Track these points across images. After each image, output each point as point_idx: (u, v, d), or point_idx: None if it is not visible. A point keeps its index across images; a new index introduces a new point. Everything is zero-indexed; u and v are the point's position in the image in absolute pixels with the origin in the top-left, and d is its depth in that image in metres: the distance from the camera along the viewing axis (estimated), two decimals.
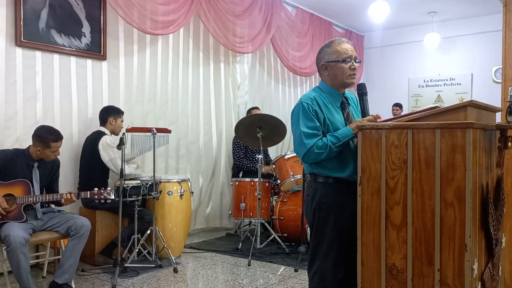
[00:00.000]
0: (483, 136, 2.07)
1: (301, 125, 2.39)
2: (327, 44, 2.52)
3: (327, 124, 2.41)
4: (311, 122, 2.38)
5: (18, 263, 3.15)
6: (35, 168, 3.51)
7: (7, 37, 3.94)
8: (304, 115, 2.39)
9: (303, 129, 2.38)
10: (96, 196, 3.53)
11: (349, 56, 2.43)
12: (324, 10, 7.06)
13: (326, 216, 2.42)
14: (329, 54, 2.46)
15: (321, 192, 2.43)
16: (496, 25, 6.03)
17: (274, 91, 6.83)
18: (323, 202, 2.42)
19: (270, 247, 4.97)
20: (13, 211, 3.33)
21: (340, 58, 2.43)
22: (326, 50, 2.49)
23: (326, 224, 2.42)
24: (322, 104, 2.43)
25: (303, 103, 2.42)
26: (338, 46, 2.45)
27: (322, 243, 2.44)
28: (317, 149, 2.34)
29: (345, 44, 2.47)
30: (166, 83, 5.27)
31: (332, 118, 2.43)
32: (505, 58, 3.30)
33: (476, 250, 1.99)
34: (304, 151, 2.37)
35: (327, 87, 2.50)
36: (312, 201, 2.47)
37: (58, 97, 4.31)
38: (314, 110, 2.39)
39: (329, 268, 2.41)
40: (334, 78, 2.47)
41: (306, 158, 2.40)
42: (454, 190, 1.91)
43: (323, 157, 2.35)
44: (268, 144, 5.17)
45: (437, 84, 7.92)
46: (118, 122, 4.44)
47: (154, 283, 3.84)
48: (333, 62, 2.44)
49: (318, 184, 2.45)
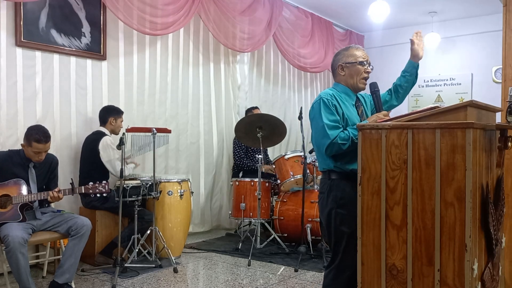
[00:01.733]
0: (483, 136, 2.07)
1: (324, 117, 2.48)
2: (345, 48, 2.71)
3: (345, 118, 2.53)
4: (332, 115, 2.49)
5: (17, 263, 3.15)
6: (30, 168, 3.50)
7: (7, 37, 3.94)
8: (325, 109, 2.50)
9: (326, 121, 2.47)
10: (91, 190, 3.51)
11: (366, 60, 2.63)
12: (324, 10, 7.06)
13: (343, 212, 2.47)
14: (347, 57, 2.64)
15: (337, 188, 2.50)
16: (496, 25, 6.03)
17: (274, 91, 6.82)
18: (339, 197, 2.48)
19: (270, 247, 4.97)
20: (9, 211, 3.33)
21: (357, 61, 2.62)
22: (344, 53, 2.66)
23: (344, 220, 2.47)
24: (340, 101, 2.56)
25: (323, 98, 2.52)
26: (356, 51, 2.65)
27: (342, 240, 2.48)
28: (340, 140, 2.42)
29: (362, 50, 2.67)
30: (166, 83, 5.27)
31: (349, 113, 2.55)
32: (505, 58, 3.29)
33: (476, 250, 1.99)
34: (328, 142, 2.44)
35: (343, 87, 2.66)
36: (327, 198, 2.53)
37: (58, 97, 4.31)
38: (333, 105, 2.51)
39: (348, 267, 2.45)
40: (349, 79, 2.63)
41: (330, 149, 2.46)
42: (454, 190, 1.91)
43: (345, 148, 2.43)
44: (268, 144, 5.17)
45: (437, 84, 7.92)
46: (118, 122, 4.44)
47: (154, 283, 3.84)
48: (350, 64, 2.62)
49: (333, 181, 2.52)
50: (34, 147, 3.39)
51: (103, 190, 3.52)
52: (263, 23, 6.01)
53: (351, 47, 2.68)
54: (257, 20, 5.93)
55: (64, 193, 3.46)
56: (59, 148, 4.31)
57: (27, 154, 3.46)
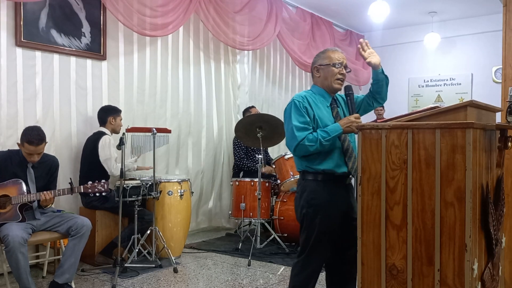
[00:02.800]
0: (483, 136, 2.07)
1: (293, 119, 2.58)
2: (322, 51, 2.79)
3: (316, 120, 2.60)
4: (302, 117, 2.57)
5: (17, 263, 3.15)
6: (29, 168, 3.49)
7: (7, 37, 3.94)
8: (296, 111, 2.59)
9: (295, 123, 2.56)
10: (90, 190, 3.50)
11: (340, 62, 2.68)
12: (324, 10, 7.06)
13: (314, 212, 2.59)
14: (322, 59, 2.72)
15: (309, 189, 2.61)
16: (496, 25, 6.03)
17: (274, 91, 6.83)
18: (311, 198, 2.60)
19: (270, 247, 4.97)
20: (8, 212, 3.33)
21: (331, 62, 2.68)
22: (320, 55, 2.75)
23: (314, 219, 2.59)
24: (312, 103, 2.64)
25: (294, 100, 2.63)
26: (331, 53, 2.71)
27: (311, 238, 2.61)
28: (307, 141, 2.52)
29: (339, 53, 2.73)
30: (166, 83, 5.28)
31: (321, 115, 2.63)
32: (505, 58, 3.29)
33: (476, 250, 1.99)
34: (295, 143, 2.54)
35: (319, 89, 2.73)
36: (300, 198, 2.65)
37: (58, 97, 4.32)
38: (304, 107, 2.59)
39: (313, 260, 2.62)
40: (324, 80, 2.70)
41: (298, 151, 2.57)
42: (454, 190, 1.91)
43: (313, 150, 2.53)
44: (268, 144, 5.17)
45: (437, 84, 7.92)
46: (117, 121, 4.45)
47: (154, 283, 3.84)
48: (324, 66, 2.69)
49: (306, 182, 2.63)
50: (26, 148, 3.38)
51: (102, 189, 3.50)
52: (263, 22, 6.01)
53: (328, 49, 2.75)
54: (257, 20, 5.94)
55: (63, 192, 3.45)
56: (59, 148, 4.31)
57: (23, 154, 3.46)
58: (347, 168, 2.61)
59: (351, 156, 2.61)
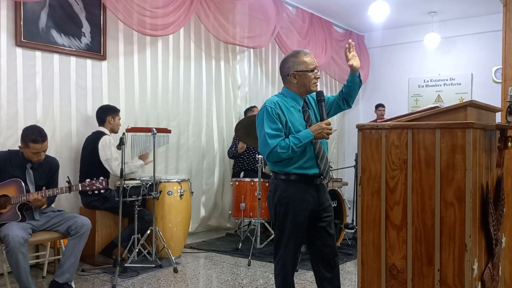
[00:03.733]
0: (483, 136, 2.07)
1: (265, 127, 2.62)
2: (292, 54, 2.75)
3: (288, 126, 2.64)
4: (274, 124, 2.61)
5: (17, 263, 3.15)
6: (28, 169, 3.48)
7: (7, 37, 3.94)
8: (268, 118, 2.62)
9: (267, 130, 2.61)
10: (88, 187, 3.49)
11: (315, 67, 2.71)
12: (324, 10, 7.06)
13: (285, 210, 2.66)
14: (298, 64, 2.70)
15: (281, 188, 2.67)
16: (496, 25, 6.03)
17: (274, 91, 6.81)
18: (282, 197, 2.66)
19: (270, 247, 4.97)
20: (8, 212, 3.32)
21: (308, 68, 2.69)
22: (293, 60, 2.72)
23: (286, 217, 2.67)
24: (284, 108, 2.66)
25: (267, 107, 2.65)
26: (305, 57, 2.70)
27: (283, 234, 2.68)
28: (280, 149, 2.57)
29: (311, 56, 2.73)
30: (166, 83, 5.27)
31: (293, 120, 2.66)
32: (505, 58, 3.29)
33: (476, 250, 1.99)
34: (268, 151, 2.60)
35: (291, 93, 2.74)
36: (273, 196, 2.71)
37: (58, 97, 4.31)
38: (277, 113, 2.62)
39: (289, 256, 2.69)
40: (301, 86, 2.71)
41: (270, 157, 2.63)
42: (454, 190, 1.91)
43: (285, 156, 2.59)
44: None
45: (437, 84, 7.92)
46: (116, 120, 4.44)
47: (154, 283, 3.84)
48: (302, 72, 2.69)
49: (278, 181, 2.69)
50: (32, 148, 3.37)
51: (101, 186, 3.48)
52: (263, 22, 6.01)
53: (299, 53, 2.72)
54: (257, 19, 5.93)
55: (62, 191, 3.44)
56: (59, 148, 4.31)
57: (26, 155, 3.44)
58: (319, 170, 2.67)
59: (323, 158, 2.68)
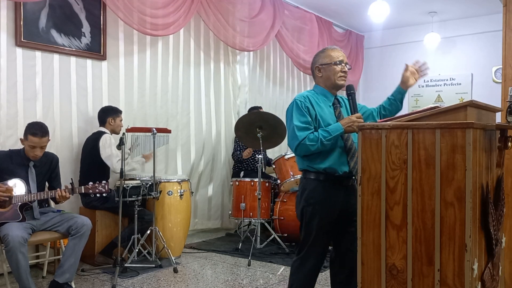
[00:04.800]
0: (483, 136, 2.07)
1: (294, 119, 2.59)
2: (321, 50, 2.79)
3: (318, 120, 2.60)
4: (303, 117, 2.57)
5: (17, 263, 3.15)
6: (30, 168, 3.50)
7: (7, 37, 3.95)
8: (297, 111, 2.59)
9: (296, 123, 2.57)
10: (91, 190, 3.51)
11: (341, 60, 2.69)
12: (324, 10, 7.06)
13: (313, 211, 2.62)
14: (323, 58, 2.72)
15: (309, 188, 2.63)
16: (496, 25, 6.03)
17: (275, 91, 6.83)
18: (310, 197, 2.62)
19: (270, 247, 4.98)
20: (9, 211, 3.33)
21: (332, 61, 2.68)
22: (320, 55, 2.75)
23: (313, 218, 2.62)
24: (314, 102, 2.64)
25: (296, 100, 2.63)
26: (331, 52, 2.72)
27: (310, 235, 2.64)
28: (308, 141, 2.52)
29: (338, 51, 2.73)
30: (166, 83, 5.28)
31: (323, 114, 2.63)
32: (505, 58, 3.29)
33: (476, 250, 1.99)
34: (297, 143, 2.55)
35: (321, 89, 2.74)
36: (301, 196, 2.68)
37: (58, 97, 4.32)
38: (306, 107, 2.59)
39: (312, 256, 2.66)
40: (326, 80, 2.71)
41: (299, 150, 2.58)
42: (454, 190, 1.91)
43: (314, 149, 2.53)
44: (268, 145, 5.11)
45: (437, 84, 7.92)
46: (117, 121, 4.44)
47: (154, 283, 3.84)
48: (326, 65, 2.70)
49: (307, 181, 2.65)
50: (30, 140, 3.39)
51: (103, 190, 3.52)
52: (264, 22, 6.01)
53: (327, 48, 2.76)
54: (258, 20, 5.93)
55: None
56: (59, 148, 4.31)
57: (25, 152, 3.46)
58: (348, 168, 2.61)
59: (353, 156, 2.61)
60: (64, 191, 3.42)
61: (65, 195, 3.43)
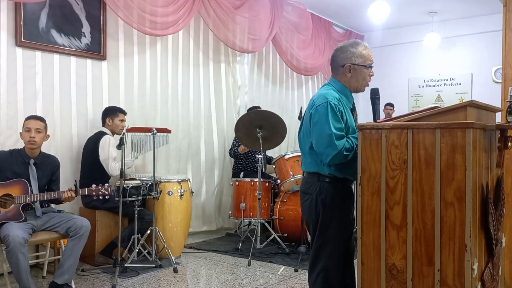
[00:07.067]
0: (483, 136, 2.07)
1: (331, 126, 2.32)
2: (351, 44, 2.48)
3: (347, 126, 2.40)
4: (339, 123, 2.34)
5: (18, 263, 3.15)
6: (31, 166, 3.51)
7: (7, 37, 3.95)
8: (333, 116, 2.33)
9: (334, 130, 2.31)
10: (94, 193, 3.53)
11: (372, 63, 2.45)
12: (324, 10, 7.06)
13: (332, 215, 2.41)
14: (356, 57, 2.44)
15: (328, 191, 2.41)
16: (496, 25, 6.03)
17: (274, 91, 6.82)
18: (329, 201, 2.41)
19: (270, 247, 4.97)
20: (11, 211, 3.33)
21: (366, 64, 2.44)
22: (352, 51, 2.45)
23: (332, 223, 2.42)
24: (343, 106, 2.41)
25: (330, 102, 2.35)
26: (364, 50, 2.45)
27: (328, 243, 2.43)
28: (345, 151, 2.31)
29: (369, 50, 2.47)
30: (167, 83, 5.27)
31: (350, 120, 2.43)
32: (505, 58, 3.30)
33: (476, 250, 1.99)
34: (334, 153, 2.30)
35: (342, 87, 2.48)
36: (316, 199, 2.44)
37: (58, 97, 4.31)
38: (340, 111, 2.36)
39: (334, 267, 2.42)
40: (354, 81, 2.46)
41: (333, 160, 2.33)
42: (454, 190, 1.91)
43: (348, 158, 2.32)
44: (268, 146, 5.07)
45: (437, 84, 7.92)
46: (115, 121, 4.43)
47: (154, 283, 3.84)
48: (359, 66, 2.43)
49: (324, 184, 2.42)
50: (25, 125, 3.48)
51: (106, 192, 3.56)
52: (264, 23, 6.00)
53: (359, 44, 2.47)
54: (258, 20, 5.93)
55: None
56: (59, 148, 4.31)
57: (24, 143, 3.50)
58: None
59: None
60: (70, 192, 3.45)
61: (72, 196, 3.47)
